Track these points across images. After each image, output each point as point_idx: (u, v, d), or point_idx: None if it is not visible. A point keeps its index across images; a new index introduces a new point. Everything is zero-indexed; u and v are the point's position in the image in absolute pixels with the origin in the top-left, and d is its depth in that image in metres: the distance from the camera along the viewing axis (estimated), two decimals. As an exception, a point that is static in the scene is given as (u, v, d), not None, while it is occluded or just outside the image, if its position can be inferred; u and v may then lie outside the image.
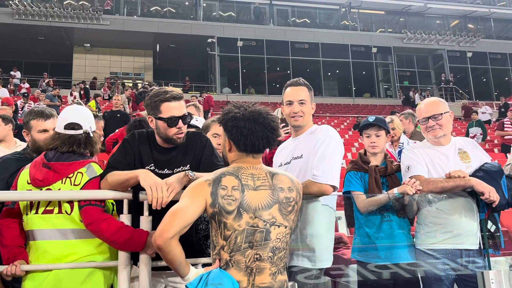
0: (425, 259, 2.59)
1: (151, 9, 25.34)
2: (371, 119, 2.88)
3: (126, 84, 21.23)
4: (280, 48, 24.82)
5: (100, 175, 2.22)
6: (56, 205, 2.16)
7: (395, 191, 2.54)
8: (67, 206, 2.14)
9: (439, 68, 26.79)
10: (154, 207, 2.03)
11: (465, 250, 2.53)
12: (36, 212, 2.16)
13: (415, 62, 27.47)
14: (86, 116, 2.35)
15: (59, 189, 2.17)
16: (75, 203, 2.14)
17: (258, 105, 1.94)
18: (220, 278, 1.71)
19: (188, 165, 2.30)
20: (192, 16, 25.49)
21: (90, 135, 2.32)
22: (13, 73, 20.04)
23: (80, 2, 23.42)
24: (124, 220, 2.17)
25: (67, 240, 2.15)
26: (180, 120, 2.25)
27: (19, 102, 13.19)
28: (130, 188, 2.21)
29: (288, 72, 24.67)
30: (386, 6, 26.98)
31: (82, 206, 2.11)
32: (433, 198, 2.59)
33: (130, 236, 2.08)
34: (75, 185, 2.17)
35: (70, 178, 2.17)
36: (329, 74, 26.88)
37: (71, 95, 16.17)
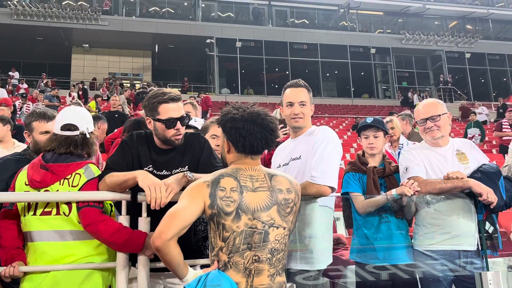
0: (423, 260, 2.59)
1: (149, 9, 25.33)
2: (369, 120, 2.88)
3: (124, 84, 21.21)
4: (278, 48, 24.82)
5: (98, 176, 2.21)
6: (54, 206, 2.15)
7: (393, 192, 2.54)
8: (65, 208, 2.14)
9: (438, 69, 26.83)
10: (153, 207, 2.02)
11: (463, 251, 2.53)
12: (34, 214, 2.16)
13: (414, 63, 27.50)
14: (82, 117, 2.34)
15: (57, 190, 2.16)
16: (73, 205, 2.13)
17: (257, 106, 1.94)
18: (219, 280, 1.70)
19: (186, 166, 2.30)
20: (190, 17, 25.48)
21: (87, 136, 2.30)
22: (11, 73, 20.02)
23: (78, 3, 23.38)
24: (123, 221, 2.17)
25: (65, 242, 2.14)
26: (178, 122, 2.25)
27: (18, 102, 13.16)
28: (128, 190, 2.20)
29: (287, 72, 24.68)
30: (384, 7, 27.01)
31: (81, 207, 2.10)
32: (431, 199, 2.59)
33: (129, 237, 2.08)
34: (73, 186, 2.16)
35: (68, 179, 2.17)
36: (327, 74, 26.90)
37: (70, 95, 16.16)
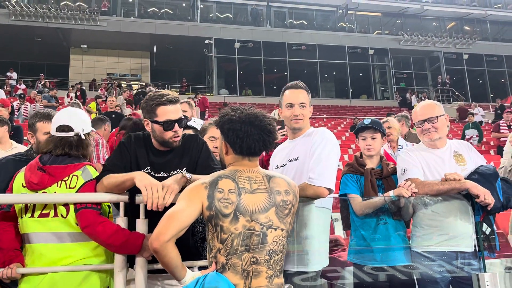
0: (421, 261, 2.60)
1: (148, 10, 25.31)
2: (366, 121, 2.88)
3: (122, 85, 21.17)
4: (277, 49, 24.83)
5: (96, 178, 2.21)
6: (51, 208, 2.14)
7: (391, 193, 2.54)
8: (62, 209, 2.13)
9: (436, 70, 26.87)
10: (149, 208, 2.02)
11: (460, 252, 2.54)
12: (32, 216, 2.15)
13: (412, 64, 27.54)
14: (78, 118, 2.31)
15: (55, 192, 2.15)
16: (71, 206, 2.13)
17: (255, 107, 1.94)
18: (217, 281, 1.71)
19: (184, 168, 2.30)
20: (189, 18, 25.47)
21: (82, 137, 2.27)
22: (9, 74, 19.98)
23: (77, 3, 23.34)
24: (120, 223, 2.17)
25: (63, 244, 2.14)
26: (176, 124, 2.25)
27: (15, 103, 13.13)
28: (126, 191, 2.20)
29: (285, 73, 24.70)
30: (383, 8, 27.05)
31: (78, 209, 2.10)
32: (428, 200, 2.59)
33: (126, 239, 2.08)
34: (70, 188, 2.15)
35: (66, 181, 2.16)
36: (326, 75, 26.93)
37: (68, 96, 16.12)
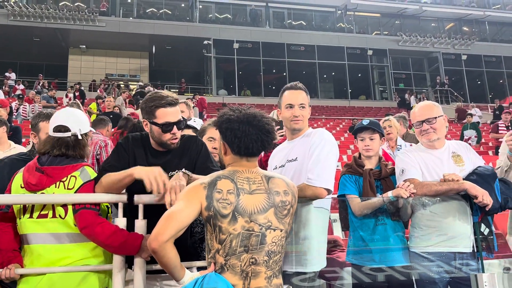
0: (419, 262, 2.60)
1: (147, 10, 25.29)
2: (365, 122, 2.89)
3: (121, 86, 21.14)
4: (276, 50, 24.83)
5: (94, 178, 2.21)
6: (50, 209, 2.14)
7: (390, 194, 2.55)
8: (61, 210, 2.13)
9: (434, 71, 26.90)
10: (156, 191, 2.03)
11: (458, 253, 2.54)
12: (31, 217, 2.15)
13: (411, 65, 27.57)
14: (75, 119, 2.29)
15: (53, 193, 2.15)
16: (69, 207, 2.12)
17: (254, 107, 1.94)
18: (215, 282, 1.71)
19: (183, 169, 2.29)
20: (188, 18, 25.46)
21: (79, 137, 2.26)
22: (8, 74, 19.93)
23: (75, 4, 23.31)
24: (119, 223, 2.17)
25: (61, 244, 2.14)
26: (174, 126, 2.25)
27: (14, 104, 13.13)
28: (125, 192, 2.20)
29: (284, 74, 24.71)
30: (381, 9, 27.10)
31: (77, 210, 2.09)
32: (427, 201, 2.59)
33: (125, 240, 2.08)
34: (68, 189, 2.15)
35: (64, 182, 2.15)
36: (325, 76, 26.94)
37: (67, 96, 16.11)
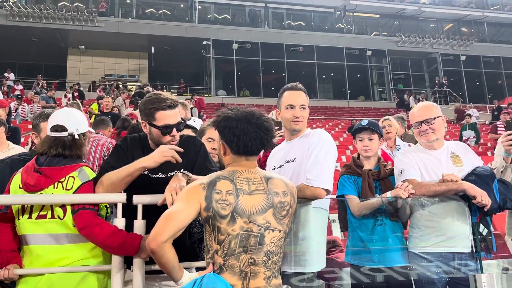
0: (418, 262, 2.60)
1: (146, 11, 25.29)
2: (364, 122, 2.89)
3: (120, 86, 21.13)
4: (275, 50, 24.84)
5: (93, 179, 2.21)
6: (48, 210, 2.14)
7: (388, 194, 2.55)
8: (59, 211, 2.12)
9: (433, 71, 26.93)
10: (177, 158, 2.14)
11: (457, 253, 2.54)
12: (30, 217, 2.14)
13: (410, 65, 27.59)
14: (73, 118, 2.29)
15: (52, 194, 2.14)
16: (68, 208, 2.12)
17: (252, 107, 1.94)
18: (214, 282, 1.71)
19: (182, 169, 2.29)
20: (187, 19, 25.45)
21: (76, 137, 2.25)
22: (6, 74, 19.92)
23: (74, 4, 23.33)
24: (118, 224, 2.16)
25: (60, 245, 2.13)
26: (174, 129, 2.25)
27: (13, 104, 13.12)
28: (124, 192, 2.20)
29: (283, 74, 24.71)
30: (380, 10, 27.13)
31: (76, 210, 2.09)
32: (425, 201, 2.60)
33: (124, 240, 2.07)
34: (67, 189, 2.14)
35: (62, 182, 2.15)
36: (324, 77, 26.94)
37: (65, 97, 16.11)
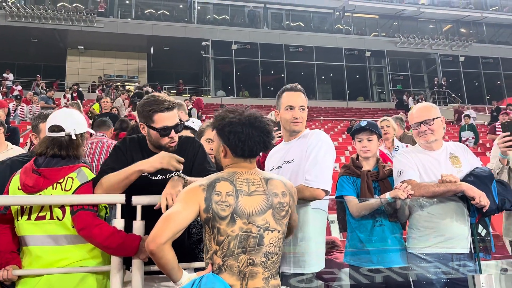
0: (417, 263, 2.61)
1: (145, 11, 25.31)
2: (363, 123, 2.90)
3: (119, 86, 21.10)
4: (274, 51, 24.87)
5: (92, 179, 2.20)
6: (47, 211, 2.13)
7: (387, 195, 2.55)
8: (58, 212, 2.12)
9: (432, 72, 26.97)
10: (179, 167, 2.14)
11: (456, 254, 2.55)
12: (29, 218, 2.14)
13: (408, 66, 27.64)
14: (70, 119, 2.28)
15: (50, 195, 2.14)
16: (67, 209, 2.12)
17: (251, 108, 1.94)
18: (213, 283, 1.71)
19: (180, 171, 2.29)
20: (186, 19, 25.47)
21: (72, 137, 2.24)
22: (5, 75, 19.90)
23: (73, 4, 23.33)
24: (117, 225, 2.16)
25: (59, 246, 2.13)
26: (172, 130, 2.25)
27: (12, 104, 13.11)
28: (123, 193, 2.20)
29: (282, 75, 24.73)
30: (379, 10, 27.19)
31: (75, 211, 2.09)
32: (424, 202, 2.60)
33: (123, 241, 2.07)
34: (66, 190, 2.14)
35: (61, 183, 2.15)
36: (323, 77, 26.97)
37: (64, 97, 16.10)
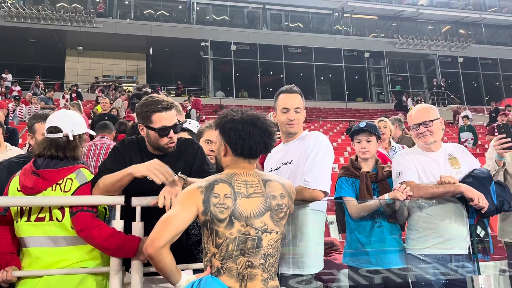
0: (415, 264, 2.61)
1: (144, 12, 25.30)
2: (362, 125, 2.91)
3: (117, 87, 21.09)
4: (273, 52, 24.88)
5: (91, 180, 2.20)
6: (47, 212, 2.13)
7: (386, 196, 2.55)
8: (58, 213, 2.12)
9: (431, 73, 27.00)
10: (161, 181, 2.05)
11: (454, 255, 2.55)
12: (28, 220, 2.14)
13: (407, 67, 27.66)
14: (69, 120, 2.28)
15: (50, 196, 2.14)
16: (66, 210, 2.12)
17: (254, 109, 1.94)
18: (212, 285, 1.71)
19: (179, 172, 2.29)
20: (185, 20, 25.47)
21: (70, 138, 2.23)
22: (4, 75, 19.87)
23: (72, 5, 23.30)
24: (116, 226, 2.16)
25: (59, 247, 2.13)
26: (171, 130, 2.25)
27: (10, 105, 13.09)
28: (122, 194, 2.20)
29: (281, 76, 24.74)
30: (378, 11, 27.22)
31: (75, 212, 2.09)
32: (423, 203, 2.61)
33: (122, 242, 2.07)
34: (65, 191, 2.14)
35: (60, 184, 2.15)
36: (322, 78, 26.98)
37: (63, 98, 16.08)
